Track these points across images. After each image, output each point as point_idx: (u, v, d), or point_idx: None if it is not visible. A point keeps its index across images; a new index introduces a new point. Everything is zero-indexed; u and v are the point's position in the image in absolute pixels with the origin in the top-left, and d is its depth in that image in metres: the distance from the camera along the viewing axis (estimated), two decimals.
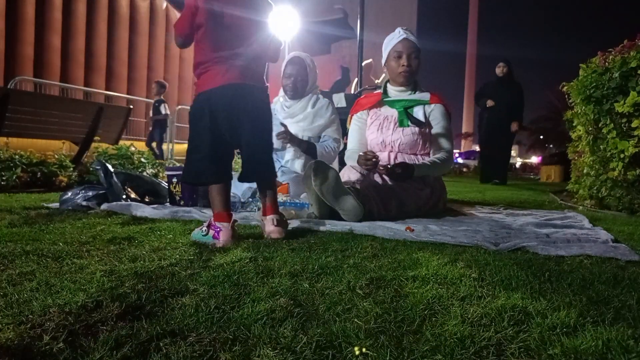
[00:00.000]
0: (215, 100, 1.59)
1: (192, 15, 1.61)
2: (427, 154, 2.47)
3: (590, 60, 3.23)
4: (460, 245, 1.55)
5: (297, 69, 2.69)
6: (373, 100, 2.61)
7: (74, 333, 0.73)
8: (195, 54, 1.65)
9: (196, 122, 1.63)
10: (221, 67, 1.60)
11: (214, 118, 1.59)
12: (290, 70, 2.70)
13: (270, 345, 0.70)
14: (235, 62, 1.61)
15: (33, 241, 1.45)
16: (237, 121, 1.62)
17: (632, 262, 1.35)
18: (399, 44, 2.46)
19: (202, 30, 1.61)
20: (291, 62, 2.73)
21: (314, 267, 1.17)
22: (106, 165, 2.53)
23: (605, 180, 3.01)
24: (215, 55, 1.61)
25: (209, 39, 1.61)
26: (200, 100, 1.62)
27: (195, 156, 1.62)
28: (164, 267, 1.16)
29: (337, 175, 1.97)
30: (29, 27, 10.03)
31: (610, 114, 2.89)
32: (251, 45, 1.64)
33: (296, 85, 2.70)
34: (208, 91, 1.60)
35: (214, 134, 1.59)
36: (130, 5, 12.44)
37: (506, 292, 0.99)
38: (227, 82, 1.59)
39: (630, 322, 0.82)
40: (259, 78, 1.70)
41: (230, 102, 1.60)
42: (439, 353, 0.68)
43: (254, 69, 1.66)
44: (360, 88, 4.58)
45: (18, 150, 3.89)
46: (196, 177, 1.64)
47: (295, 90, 2.71)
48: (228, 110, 1.60)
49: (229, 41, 1.61)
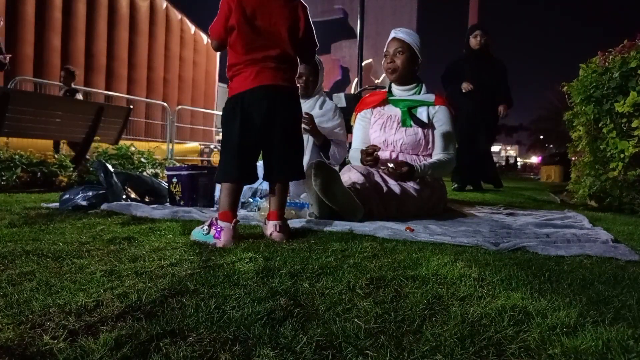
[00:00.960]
0: (248, 102, 1.61)
1: (226, 18, 1.62)
2: (429, 155, 2.47)
3: (590, 60, 3.23)
4: (460, 245, 1.55)
5: (309, 69, 2.68)
6: (378, 98, 2.61)
7: (74, 333, 0.73)
8: (229, 56, 1.67)
9: (228, 124, 1.65)
10: (253, 69, 1.62)
11: (246, 120, 1.61)
12: (302, 69, 2.69)
13: (270, 345, 0.70)
14: (268, 64, 1.62)
15: (33, 241, 1.45)
16: (271, 122, 1.63)
17: (632, 262, 1.35)
18: (388, 43, 2.48)
19: (235, 33, 1.62)
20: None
21: (314, 267, 1.17)
22: (106, 165, 2.53)
23: (605, 180, 3.01)
24: (248, 57, 1.62)
25: (242, 41, 1.62)
26: (232, 102, 1.64)
27: (227, 156, 1.65)
28: (164, 267, 1.16)
29: (338, 175, 1.97)
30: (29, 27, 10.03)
31: (610, 114, 2.89)
32: (284, 47, 1.65)
33: (307, 85, 2.70)
34: (241, 93, 1.62)
35: (244, 135, 1.61)
36: (130, 5, 12.43)
37: (506, 292, 0.99)
38: (260, 84, 1.61)
39: (630, 322, 0.82)
40: (291, 79, 1.71)
41: (265, 103, 1.61)
42: (439, 353, 0.68)
43: (285, 71, 1.67)
44: (360, 88, 4.58)
45: (18, 150, 3.89)
46: (224, 176, 1.66)
47: (306, 90, 2.71)
48: (262, 112, 1.61)
49: (262, 44, 1.62)
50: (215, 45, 1.72)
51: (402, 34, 2.45)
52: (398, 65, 2.44)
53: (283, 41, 1.65)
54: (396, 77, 2.49)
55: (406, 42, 2.42)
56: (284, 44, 1.66)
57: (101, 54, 11.67)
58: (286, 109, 1.68)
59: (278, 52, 1.64)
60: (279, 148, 1.68)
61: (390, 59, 2.46)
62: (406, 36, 2.44)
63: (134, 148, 4.88)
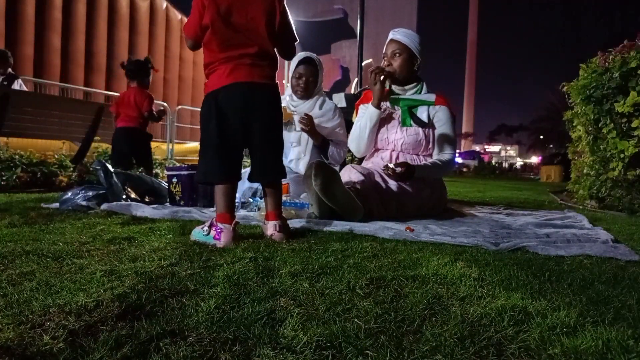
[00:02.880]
0: (223, 99, 1.57)
1: (200, 16, 1.58)
2: (430, 155, 2.47)
3: (590, 60, 3.24)
4: (460, 245, 1.55)
5: (309, 69, 2.68)
6: None
7: (74, 333, 0.73)
8: (204, 55, 1.64)
9: (205, 123, 1.61)
10: (228, 66, 1.58)
11: (223, 118, 1.58)
12: (302, 70, 2.69)
13: (270, 345, 0.70)
14: (244, 61, 1.58)
15: (33, 241, 1.45)
16: (248, 120, 1.60)
17: (632, 262, 1.35)
18: (386, 45, 2.48)
19: (209, 31, 1.58)
20: (303, 62, 2.72)
21: (314, 267, 1.17)
22: (106, 165, 2.53)
23: (605, 180, 3.01)
24: (223, 55, 1.58)
25: (217, 40, 1.58)
26: (208, 100, 1.60)
27: (206, 156, 1.62)
28: (164, 267, 1.16)
29: (338, 175, 1.97)
30: (29, 27, 10.03)
31: (610, 114, 2.89)
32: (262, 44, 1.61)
33: (308, 85, 2.69)
34: (215, 91, 1.58)
35: (223, 134, 1.58)
36: (130, 5, 12.44)
37: (506, 292, 0.99)
38: (235, 81, 1.57)
39: (630, 322, 0.82)
40: (269, 76, 1.66)
41: (240, 101, 1.58)
42: (439, 353, 0.68)
43: (263, 68, 1.63)
44: (360, 88, 4.58)
45: (18, 150, 3.89)
46: (205, 176, 1.63)
47: (307, 91, 2.70)
48: (238, 110, 1.58)
49: (238, 41, 1.59)
50: (190, 44, 1.66)
51: (399, 36, 2.44)
52: (395, 68, 2.44)
53: (261, 37, 1.61)
54: (393, 79, 2.49)
55: (403, 43, 2.42)
56: (262, 40, 1.61)
57: (101, 54, 11.68)
58: (264, 107, 1.62)
59: (256, 50, 1.60)
60: (259, 149, 1.65)
61: (387, 61, 2.46)
62: (404, 37, 2.43)
63: None
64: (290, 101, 2.79)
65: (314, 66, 2.69)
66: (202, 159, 1.64)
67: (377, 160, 2.48)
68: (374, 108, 2.39)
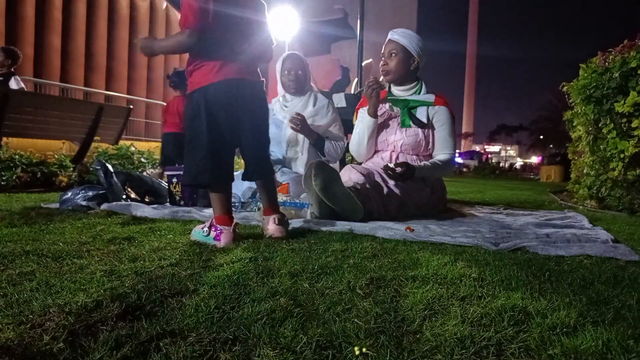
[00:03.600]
0: (212, 97, 1.52)
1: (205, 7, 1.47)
2: (429, 156, 2.47)
3: (590, 60, 3.23)
4: (460, 245, 1.55)
5: (296, 62, 2.70)
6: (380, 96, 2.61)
7: (74, 333, 0.73)
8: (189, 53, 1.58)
9: (192, 122, 1.55)
10: (216, 62, 1.52)
11: (212, 116, 1.52)
12: (289, 64, 2.70)
13: (270, 345, 0.70)
14: (232, 58, 1.55)
15: (33, 241, 1.45)
16: (237, 119, 1.57)
17: (632, 262, 1.35)
18: (384, 45, 2.49)
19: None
20: (289, 57, 2.75)
21: (314, 267, 1.17)
22: (106, 165, 2.53)
23: (605, 180, 3.01)
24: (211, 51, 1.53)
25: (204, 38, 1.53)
26: (194, 97, 1.54)
27: (194, 157, 1.55)
28: (164, 267, 1.16)
29: (337, 175, 1.97)
30: (29, 27, 10.03)
31: (610, 114, 2.89)
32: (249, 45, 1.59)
33: (298, 77, 2.69)
34: (203, 88, 1.53)
35: (212, 133, 1.52)
36: (130, 5, 12.44)
37: (506, 292, 0.99)
38: (224, 78, 1.52)
39: (630, 322, 0.82)
40: (257, 73, 1.64)
41: (229, 99, 1.53)
42: (439, 353, 0.68)
43: (249, 64, 1.61)
44: (360, 88, 4.58)
45: (18, 150, 3.89)
46: (195, 178, 1.56)
47: (298, 83, 2.70)
48: (227, 108, 1.54)
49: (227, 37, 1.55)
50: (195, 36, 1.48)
51: (397, 36, 2.44)
52: (391, 68, 2.44)
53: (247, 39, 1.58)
54: (390, 79, 2.49)
55: (400, 43, 2.42)
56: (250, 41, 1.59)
57: (101, 54, 11.68)
58: (254, 104, 1.60)
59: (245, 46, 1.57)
60: (250, 147, 1.62)
61: (384, 61, 2.46)
62: (401, 38, 2.43)
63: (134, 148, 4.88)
64: (284, 101, 2.78)
65: (300, 60, 2.71)
66: (190, 159, 1.55)
67: (377, 161, 2.48)
68: (370, 117, 2.41)
